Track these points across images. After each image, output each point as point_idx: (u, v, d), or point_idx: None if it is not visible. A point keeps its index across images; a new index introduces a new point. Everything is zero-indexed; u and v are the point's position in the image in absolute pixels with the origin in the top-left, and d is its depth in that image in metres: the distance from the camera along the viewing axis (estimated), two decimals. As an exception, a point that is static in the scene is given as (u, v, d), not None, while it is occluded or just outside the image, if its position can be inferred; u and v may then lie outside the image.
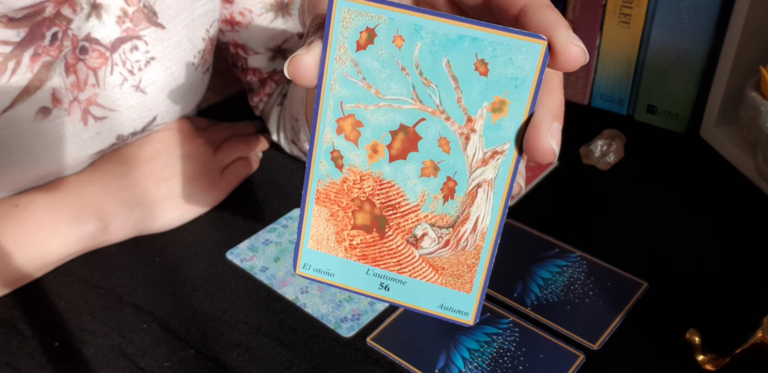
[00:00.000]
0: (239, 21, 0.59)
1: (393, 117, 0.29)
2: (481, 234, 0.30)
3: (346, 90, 0.29)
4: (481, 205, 0.29)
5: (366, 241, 0.31)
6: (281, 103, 0.63)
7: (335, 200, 0.31)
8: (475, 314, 0.31)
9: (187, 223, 0.58)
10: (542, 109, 0.27)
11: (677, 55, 0.65)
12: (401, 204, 0.30)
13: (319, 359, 0.47)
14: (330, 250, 0.31)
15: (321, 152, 0.30)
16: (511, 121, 0.28)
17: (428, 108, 0.28)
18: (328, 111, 0.29)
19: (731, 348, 0.44)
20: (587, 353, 0.46)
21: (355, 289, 0.32)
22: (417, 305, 0.31)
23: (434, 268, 0.31)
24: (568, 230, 0.56)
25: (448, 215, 0.30)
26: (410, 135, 0.29)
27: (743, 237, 0.56)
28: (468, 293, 0.31)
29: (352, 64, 0.28)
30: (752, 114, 0.58)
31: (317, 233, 0.31)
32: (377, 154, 0.29)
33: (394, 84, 0.28)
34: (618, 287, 0.51)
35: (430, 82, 0.28)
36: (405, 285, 0.31)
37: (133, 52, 0.51)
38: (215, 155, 0.59)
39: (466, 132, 0.28)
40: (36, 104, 0.47)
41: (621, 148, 0.64)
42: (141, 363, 0.47)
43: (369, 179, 0.30)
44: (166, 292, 0.52)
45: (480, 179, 0.29)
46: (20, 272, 0.51)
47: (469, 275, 0.30)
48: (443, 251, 0.30)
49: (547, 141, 0.27)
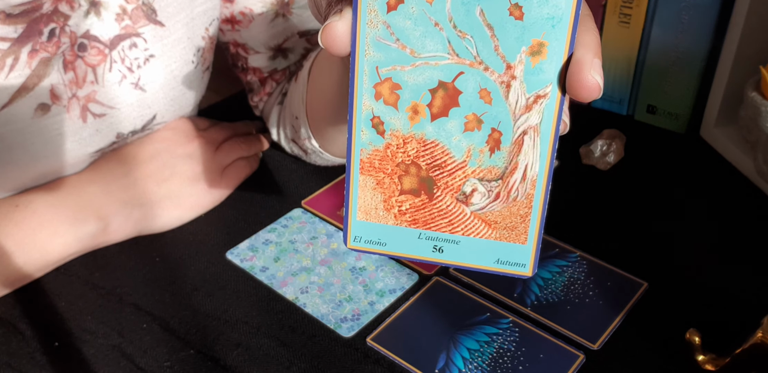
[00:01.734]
0: (240, 20, 0.59)
1: (431, 75, 0.28)
2: (532, 182, 0.29)
3: (380, 54, 0.28)
4: (529, 152, 0.29)
5: (415, 205, 0.30)
6: (281, 102, 0.63)
7: (380, 168, 0.30)
8: (533, 265, 0.30)
9: (187, 223, 0.58)
10: (582, 46, 0.27)
11: (677, 55, 0.65)
12: (447, 162, 0.29)
13: (319, 359, 0.47)
14: (379, 219, 0.31)
15: (361, 121, 0.30)
16: (551, 63, 0.27)
17: (466, 61, 0.28)
18: (364, 78, 0.29)
19: (731, 348, 0.44)
20: (587, 353, 0.46)
21: (408, 255, 0.31)
22: (473, 264, 0.31)
23: (487, 223, 0.30)
24: (568, 230, 0.56)
25: (496, 167, 0.29)
26: (450, 91, 0.28)
27: (743, 237, 0.56)
28: (524, 244, 0.30)
29: (384, 26, 0.28)
30: (752, 114, 0.58)
31: (365, 203, 0.31)
32: (418, 115, 0.29)
33: (429, 41, 0.28)
34: (618, 287, 0.51)
35: (465, 34, 0.27)
36: (459, 245, 0.31)
37: (132, 50, 0.51)
38: (215, 155, 0.59)
39: (507, 80, 0.28)
40: (35, 101, 0.47)
41: (621, 148, 0.64)
42: (141, 363, 0.47)
43: (412, 142, 0.29)
44: (166, 292, 0.52)
45: (525, 126, 0.28)
46: (20, 272, 0.51)
47: (523, 225, 0.30)
48: (494, 204, 0.30)
49: (592, 76, 0.27)
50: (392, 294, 0.51)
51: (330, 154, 0.59)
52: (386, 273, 0.53)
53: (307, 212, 0.59)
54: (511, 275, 0.31)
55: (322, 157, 0.60)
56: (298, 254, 0.55)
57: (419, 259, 0.31)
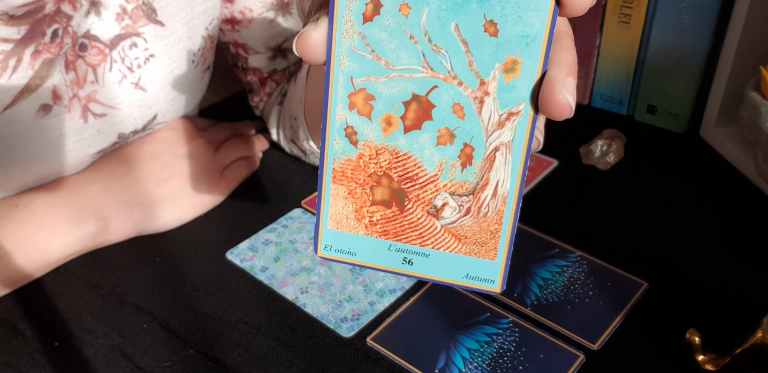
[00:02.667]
0: (240, 20, 0.59)
1: (405, 87, 0.28)
2: (503, 198, 0.29)
3: (355, 64, 0.28)
4: (500, 168, 0.29)
5: (386, 216, 0.30)
6: (281, 102, 0.63)
7: (352, 177, 0.30)
8: (502, 281, 0.30)
9: (187, 223, 0.58)
10: (555, 65, 0.27)
11: (677, 55, 0.65)
12: (419, 175, 0.30)
13: (319, 359, 0.47)
14: (350, 228, 0.31)
15: (334, 130, 0.30)
16: (524, 81, 0.27)
17: (440, 75, 0.28)
18: (338, 87, 0.29)
19: (731, 348, 0.44)
20: (587, 353, 0.46)
21: (378, 266, 0.31)
22: (442, 277, 0.31)
23: (457, 237, 0.30)
24: (568, 230, 0.56)
25: (467, 182, 0.29)
26: (423, 104, 0.28)
27: (743, 237, 0.56)
28: (493, 260, 0.30)
29: (359, 37, 0.28)
30: (752, 114, 0.58)
31: (336, 212, 0.31)
32: (391, 127, 0.29)
33: (404, 53, 0.28)
34: (618, 287, 0.51)
35: (440, 48, 0.27)
36: (429, 258, 0.31)
37: (132, 50, 0.51)
38: (215, 155, 0.59)
39: (480, 96, 0.28)
40: (37, 101, 0.47)
41: (621, 148, 0.64)
42: (141, 363, 0.47)
43: (385, 153, 0.29)
44: (166, 292, 0.52)
45: (497, 142, 0.28)
46: (20, 272, 0.51)
47: (493, 241, 0.30)
48: (465, 219, 0.30)
49: (563, 95, 0.27)
50: (392, 294, 0.51)
51: None
52: (386, 273, 0.52)
53: (307, 212, 0.59)
54: (480, 291, 0.31)
55: (321, 157, 0.60)
56: (298, 254, 0.55)
57: (388, 270, 0.31)
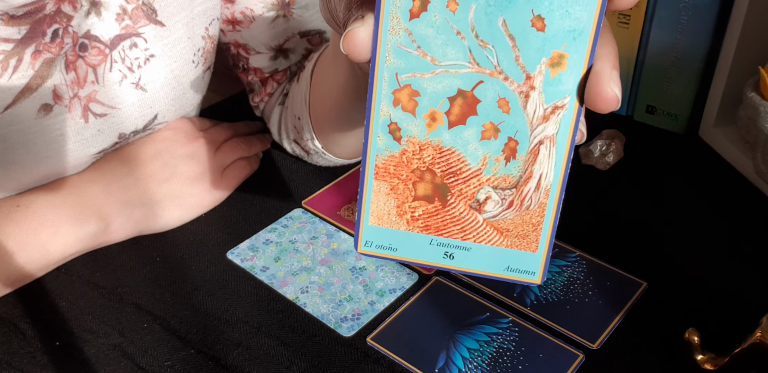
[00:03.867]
0: (240, 20, 0.59)
1: (450, 83, 0.28)
2: (545, 191, 0.30)
3: (400, 61, 0.28)
4: (544, 162, 0.29)
5: (428, 211, 0.31)
6: (282, 102, 0.63)
7: (395, 174, 0.30)
8: (542, 273, 0.31)
9: (188, 223, 0.58)
10: (600, 59, 0.27)
11: (676, 55, 0.65)
12: (462, 170, 0.30)
13: (320, 359, 0.47)
14: (392, 224, 0.31)
15: (378, 126, 0.30)
16: (570, 75, 0.28)
17: (486, 70, 0.28)
18: (383, 84, 0.29)
19: (730, 348, 0.44)
20: (587, 353, 0.46)
21: (419, 261, 0.31)
22: (483, 270, 0.31)
23: (499, 231, 0.30)
24: (567, 230, 0.56)
25: (510, 175, 0.29)
26: (469, 99, 0.29)
27: (742, 237, 0.56)
28: (534, 253, 0.30)
29: (405, 33, 0.28)
30: (751, 114, 0.58)
31: (378, 208, 0.31)
32: (436, 122, 0.29)
33: (450, 49, 0.28)
34: (617, 287, 0.51)
35: (486, 44, 0.28)
36: (470, 251, 0.31)
37: (133, 50, 0.51)
38: (216, 155, 0.59)
39: (526, 90, 0.28)
40: (38, 101, 0.47)
41: (620, 148, 0.64)
42: (141, 363, 0.47)
43: (428, 148, 0.30)
44: (167, 291, 0.52)
45: (542, 136, 0.29)
46: (21, 271, 0.51)
47: (535, 233, 0.30)
48: (507, 212, 0.30)
49: (610, 88, 0.27)
50: (392, 294, 0.51)
51: (333, 155, 0.59)
52: (386, 273, 0.53)
53: (308, 212, 0.59)
54: (521, 283, 0.31)
55: (325, 157, 0.60)
56: (298, 254, 0.55)
57: (430, 265, 0.31)
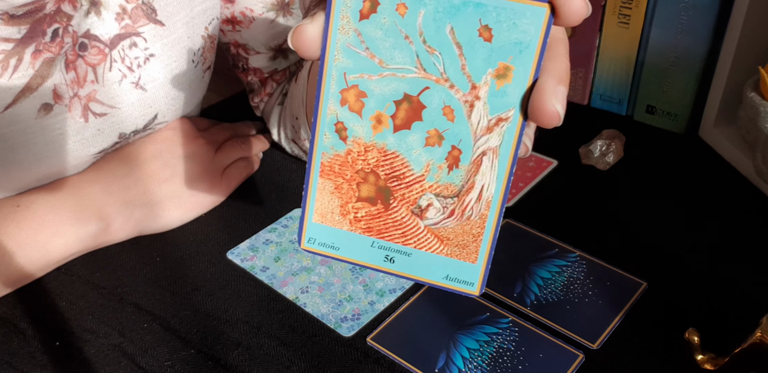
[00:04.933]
0: (240, 20, 0.59)
1: (397, 86, 0.28)
2: (486, 203, 0.29)
3: (349, 60, 0.28)
4: (486, 173, 0.29)
5: (371, 213, 0.31)
6: (282, 102, 0.63)
7: (339, 173, 0.30)
8: (481, 285, 0.31)
9: (188, 223, 0.58)
10: (547, 73, 0.27)
11: (676, 55, 0.65)
12: (406, 175, 0.30)
13: (320, 359, 0.47)
14: (335, 223, 0.31)
15: (324, 124, 0.30)
16: (515, 87, 0.27)
17: (432, 76, 0.28)
18: (331, 82, 0.29)
19: (730, 348, 0.44)
20: (587, 353, 0.46)
21: (360, 262, 0.31)
22: (422, 277, 0.31)
23: (439, 238, 0.30)
24: (567, 230, 0.56)
25: (452, 184, 0.29)
26: (414, 104, 0.29)
27: (742, 237, 0.56)
28: (474, 263, 0.30)
29: (355, 33, 0.28)
30: (751, 114, 0.58)
31: (321, 206, 0.31)
32: (381, 125, 0.29)
33: (398, 53, 0.28)
34: (617, 287, 0.51)
35: (433, 50, 0.28)
36: (410, 257, 0.31)
37: (132, 49, 0.51)
38: (216, 156, 0.59)
39: (471, 100, 0.28)
40: (38, 101, 0.47)
41: (620, 148, 0.64)
42: (142, 363, 0.47)
43: (373, 150, 0.30)
44: (167, 291, 0.52)
45: (485, 147, 0.29)
46: (21, 272, 0.51)
47: (475, 244, 0.30)
48: (448, 221, 0.30)
49: (552, 104, 0.27)
50: (392, 294, 0.51)
51: None
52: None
53: (308, 212, 0.59)
54: (458, 292, 0.31)
55: (322, 157, 0.60)
56: (298, 254, 0.55)
57: (370, 267, 0.31)
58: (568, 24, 0.27)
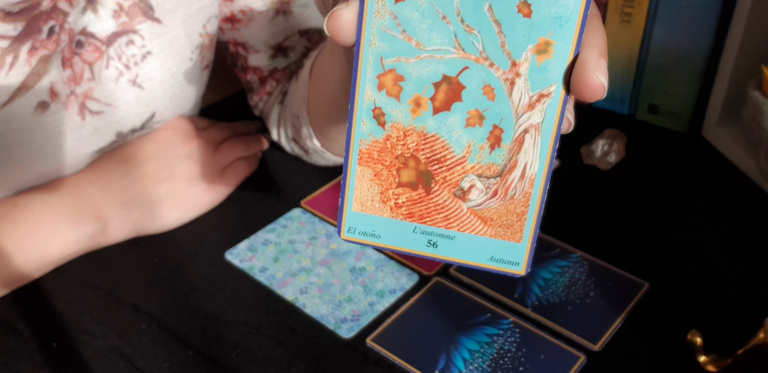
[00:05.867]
0: (240, 19, 0.59)
1: (435, 68, 0.28)
2: (530, 181, 0.29)
3: (385, 44, 0.28)
4: (529, 151, 0.29)
5: (412, 198, 0.30)
6: (282, 101, 0.63)
7: (379, 159, 0.30)
8: (527, 264, 0.30)
9: (187, 223, 0.58)
10: (587, 47, 0.27)
11: (679, 54, 0.64)
12: (447, 157, 0.29)
13: (319, 360, 0.47)
14: (375, 211, 0.31)
15: (362, 111, 0.29)
16: (556, 62, 0.27)
17: (471, 56, 0.28)
18: (368, 68, 0.29)
19: (733, 349, 0.44)
20: (588, 354, 0.46)
21: (402, 249, 0.31)
22: (467, 260, 0.31)
23: (483, 220, 0.30)
24: (569, 230, 0.56)
25: (495, 164, 0.29)
26: (453, 85, 0.28)
27: (745, 237, 0.55)
28: (519, 243, 0.30)
29: (391, 16, 0.28)
30: (754, 113, 0.58)
31: (361, 194, 0.31)
32: (420, 108, 0.29)
33: (435, 34, 0.28)
34: (619, 288, 0.51)
35: (472, 29, 0.27)
36: (453, 240, 0.30)
37: (129, 47, 0.51)
38: (215, 155, 0.59)
39: (511, 77, 0.28)
40: (35, 99, 0.47)
41: (622, 148, 0.64)
42: (139, 364, 0.47)
43: (413, 134, 0.29)
44: (165, 292, 0.52)
45: (527, 124, 0.28)
46: (19, 272, 0.51)
47: (519, 224, 0.30)
48: (491, 201, 0.30)
49: (596, 76, 0.27)
50: (392, 295, 0.51)
51: (332, 154, 0.58)
52: (386, 273, 0.52)
53: (307, 212, 0.59)
54: (504, 273, 0.31)
55: (324, 156, 0.60)
56: (297, 255, 0.54)
57: (413, 253, 0.31)
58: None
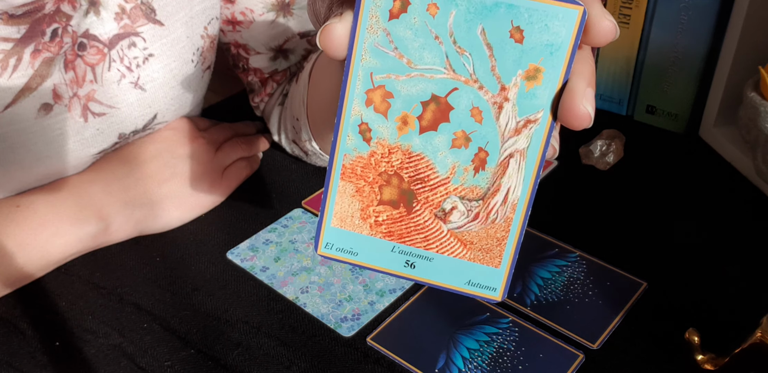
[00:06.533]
0: (240, 21, 0.59)
1: (425, 87, 0.28)
2: (512, 206, 0.29)
3: (376, 60, 0.28)
4: (513, 175, 0.29)
5: (392, 217, 0.30)
6: (282, 103, 0.63)
7: (361, 175, 0.30)
8: (504, 290, 0.30)
9: (188, 223, 0.58)
10: (576, 75, 0.27)
11: (676, 55, 0.65)
12: (430, 177, 0.29)
13: (319, 359, 0.47)
14: (354, 227, 0.30)
15: (348, 125, 0.29)
16: (545, 89, 0.27)
17: (461, 77, 0.28)
18: (357, 82, 0.29)
19: (730, 348, 0.44)
20: (587, 353, 0.46)
21: (379, 268, 0.31)
22: (443, 283, 0.30)
23: (462, 243, 0.30)
24: (567, 230, 0.56)
25: (478, 187, 0.29)
26: (442, 105, 0.28)
27: (742, 237, 0.56)
28: (497, 268, 0.30)
29: (384, 33, 0.28)
30: (751, 114, 0.58)
31: (341, 210, 0.30)
32: (407, 126, 0.29)
33: (427, 53, 0.28)
34: (617, 287, 0.51)
35: (464, 51, 0.27)
36: (432, 262, 0.30)
37: (131, 49, 0.51)
38: (216, 156, 0.59)
39: (500, 101, 0.28)
40: (38, 101, 0.47)
41: (620, 148, 0.64)
42: (141, 363, 0.47)
43: (398, 152, 0.29)
44: (167, 292, 0.52)
45: (512, 149, 0.28)
46: (21, 272, 0.51)
47: (499, 248, 0.30)
48: (472, 224, 0.29)
49: (583, 105, 0.27)
50: (392, 294, 0.51)
51: None
52: (386, 275, 0.52)
53: (308, 212, 0.59)
54: (480, 298, 0.30)
55: (323, 158, 0.60)
56: (298, 254, 0.55)
57: (389, 273, 0.31)
58: (594, 43, 0.27)
